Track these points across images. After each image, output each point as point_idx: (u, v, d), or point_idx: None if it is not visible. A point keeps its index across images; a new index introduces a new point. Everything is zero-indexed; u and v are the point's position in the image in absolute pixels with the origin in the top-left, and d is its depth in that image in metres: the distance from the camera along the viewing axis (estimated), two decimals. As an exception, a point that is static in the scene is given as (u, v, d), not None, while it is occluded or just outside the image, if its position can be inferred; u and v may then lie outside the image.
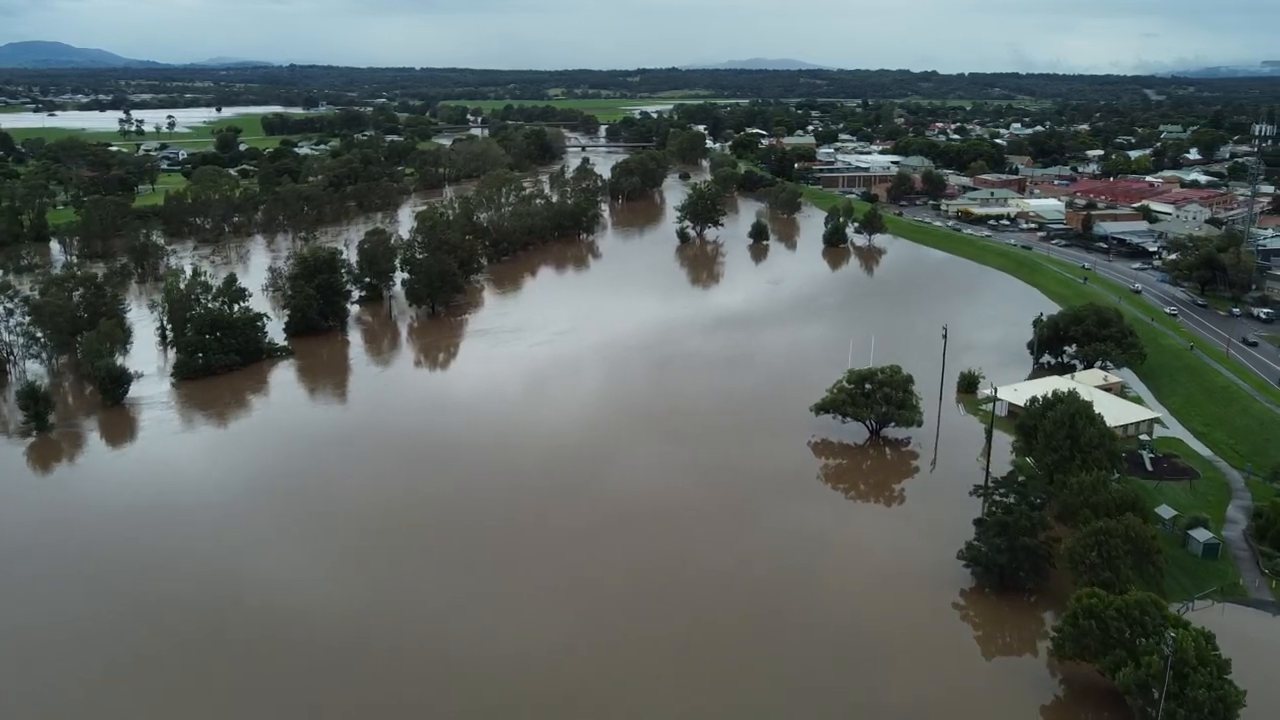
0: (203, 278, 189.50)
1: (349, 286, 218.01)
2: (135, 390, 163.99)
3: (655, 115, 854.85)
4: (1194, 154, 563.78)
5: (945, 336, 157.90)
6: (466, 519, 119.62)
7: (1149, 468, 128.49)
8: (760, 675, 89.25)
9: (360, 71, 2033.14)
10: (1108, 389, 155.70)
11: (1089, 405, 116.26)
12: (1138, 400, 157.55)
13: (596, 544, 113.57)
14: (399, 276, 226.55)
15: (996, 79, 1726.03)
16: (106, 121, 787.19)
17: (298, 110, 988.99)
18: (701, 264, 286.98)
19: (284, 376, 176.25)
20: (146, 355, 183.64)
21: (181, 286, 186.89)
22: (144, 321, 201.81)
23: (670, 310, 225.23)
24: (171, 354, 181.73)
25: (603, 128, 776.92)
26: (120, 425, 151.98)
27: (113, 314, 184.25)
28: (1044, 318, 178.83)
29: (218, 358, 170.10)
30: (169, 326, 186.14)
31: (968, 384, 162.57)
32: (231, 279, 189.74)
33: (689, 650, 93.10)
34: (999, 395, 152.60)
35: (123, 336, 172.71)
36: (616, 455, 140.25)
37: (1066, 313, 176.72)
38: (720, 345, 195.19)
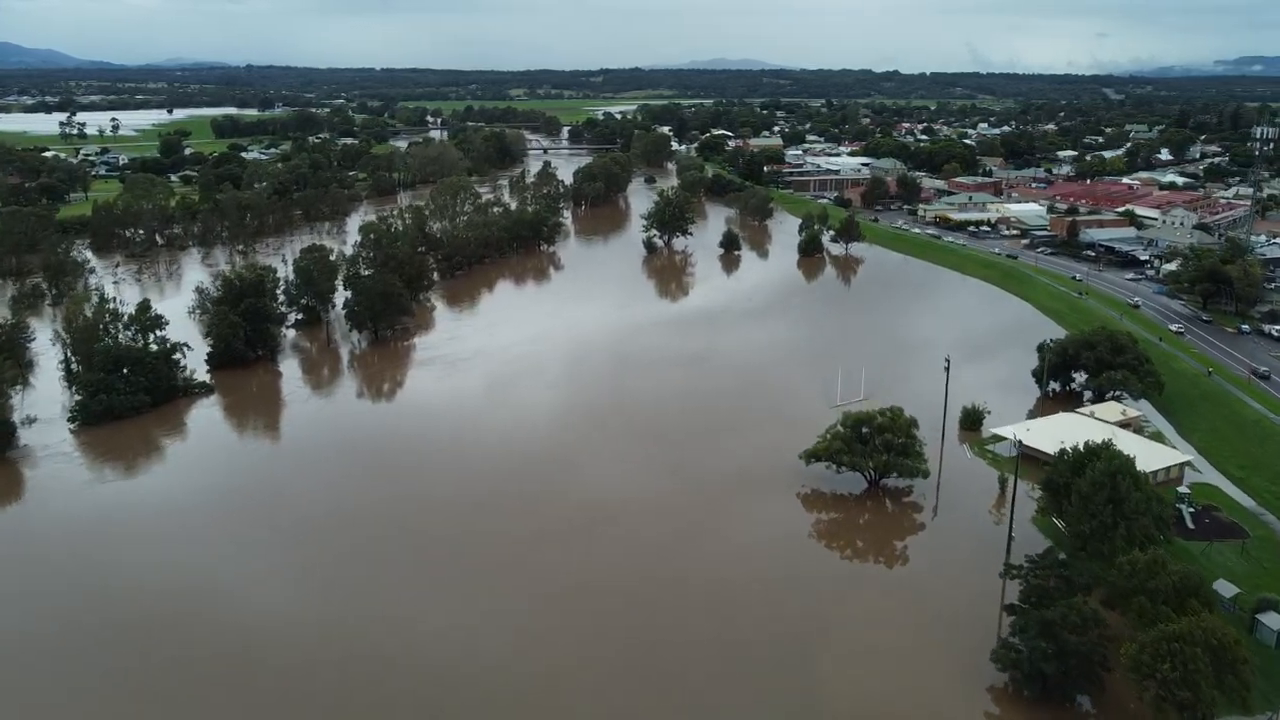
0: (111, 304, 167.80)
1: (284, 309, 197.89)
2: (33, 436, 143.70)
3: (619, 116, 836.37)
4: (1165, 154, 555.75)
5: (948, 368, 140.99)
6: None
7: (1190, 524, 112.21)
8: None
9: (319, 72, 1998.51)
10: (1127, 424, 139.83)
11: (1131, 462, 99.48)
12: (1159, 437, 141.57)
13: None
14: (344, 296, 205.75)
15: (958, 79, 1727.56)
16: (50, 124, 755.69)
17: (252, 112, 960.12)
18: (670, 277, 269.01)
19: (202, 417, 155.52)
20: (53, 393, 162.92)
21: (88, 313, 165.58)
22: (54, 353, 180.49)
23: (639, 331, 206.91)
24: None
25: (565, 129, 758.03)
26: (3, 483, 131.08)
27: (11, 345, 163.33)
28: (1050, 343, 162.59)
29: (123, 399, 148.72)
30: (75, 360, 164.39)
31: (971, 420, 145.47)
32: (145, 305, 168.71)
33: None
34: (1007, 434, 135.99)
35: (15, 374, 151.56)
36: (587, 516, 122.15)
37: (1076, 337, 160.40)
38: (695, 372, 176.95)
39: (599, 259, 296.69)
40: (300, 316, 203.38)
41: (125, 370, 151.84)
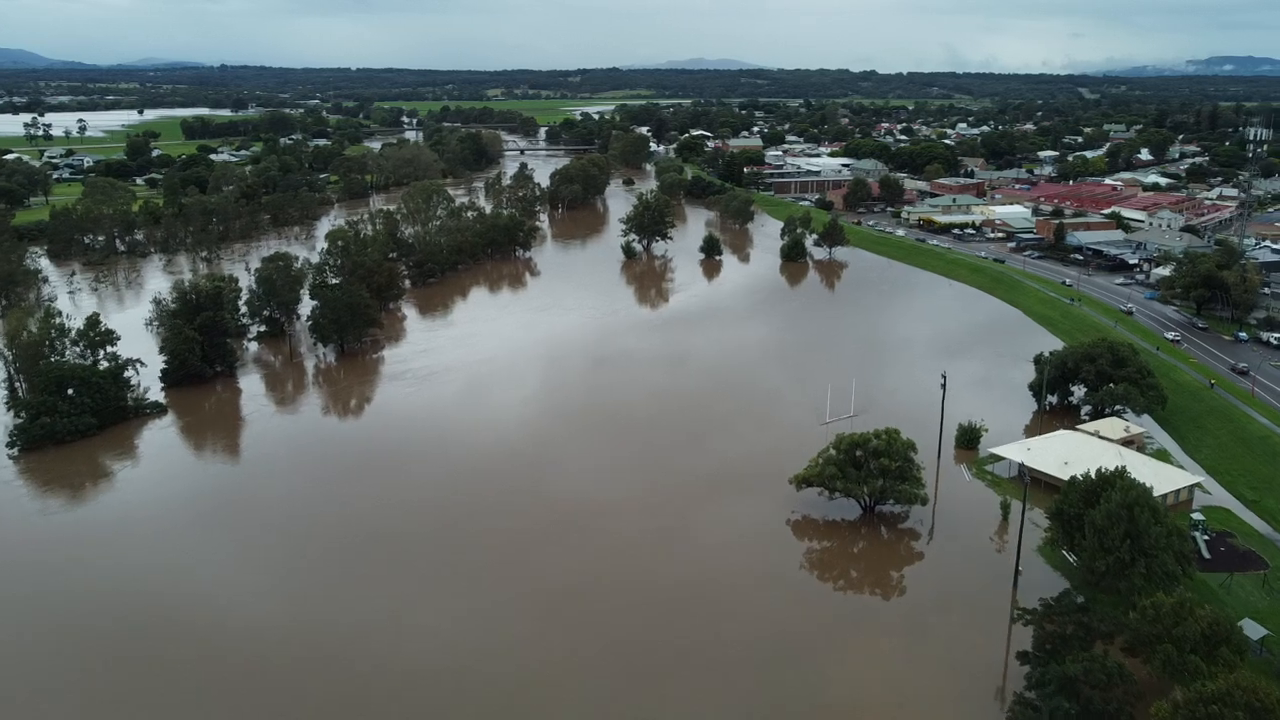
0: (58, 318, 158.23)
1: (246, 321, 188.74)
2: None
3: (597, 116, 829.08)
4: (1145, 154, 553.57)
5: (944, 385, 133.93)
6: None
7: (1206, 554, 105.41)
8: None
9: (294, 72, 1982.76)
10: (1130, 441, 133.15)
11: (1148, 492, 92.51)
12: (1164, 455, 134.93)
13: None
14: (310, 306, 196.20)
15: (934, 78, 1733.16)
16: (15, 125, 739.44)
17: (225, 112, 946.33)
18: (650, 284, 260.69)
19: (153, 439, 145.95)
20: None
21: (33, 328, 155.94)
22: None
23: (619, 340, 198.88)
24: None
25: (542, 130, 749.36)
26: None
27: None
28: (1047, 355, 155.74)
29: (67, 421, 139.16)
30: (20, 380, 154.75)
31: (967, 438, 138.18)
32: (94, 319, 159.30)
33: None
34: (1006, 453, 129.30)
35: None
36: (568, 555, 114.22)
37: (1076, 349, 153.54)
38: (680, 386, 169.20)
39: (577, 265, 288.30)
40: (263, 329, 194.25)
41: (70, 390, 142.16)
